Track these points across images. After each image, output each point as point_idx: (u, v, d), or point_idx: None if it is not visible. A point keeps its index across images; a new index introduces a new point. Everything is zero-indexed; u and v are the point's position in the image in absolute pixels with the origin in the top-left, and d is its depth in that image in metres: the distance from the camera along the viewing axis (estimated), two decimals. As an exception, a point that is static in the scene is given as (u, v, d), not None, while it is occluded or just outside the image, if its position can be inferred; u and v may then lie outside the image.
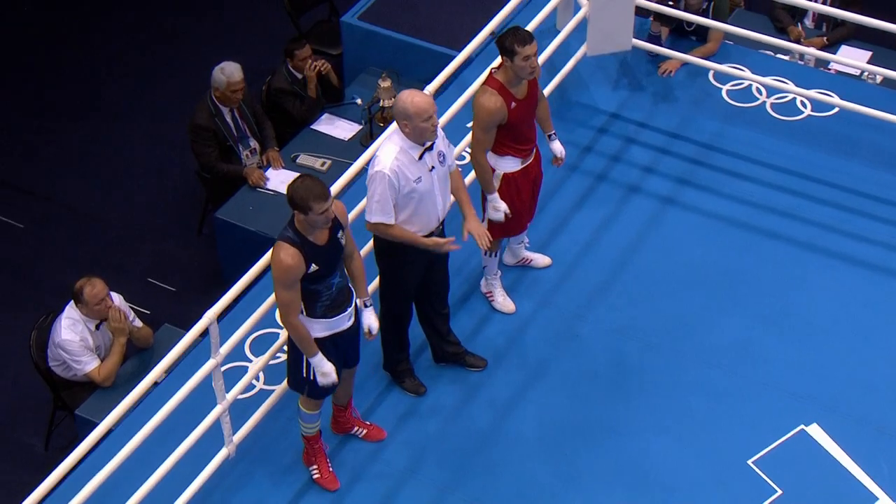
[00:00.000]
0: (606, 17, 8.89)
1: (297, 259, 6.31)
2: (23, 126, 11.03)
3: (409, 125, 6.67)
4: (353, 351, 6.91)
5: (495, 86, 7.21)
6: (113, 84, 11.43)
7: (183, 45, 11.51)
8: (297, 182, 6.29)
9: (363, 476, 7.18)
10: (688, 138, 9.00)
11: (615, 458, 7.21)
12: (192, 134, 9.37)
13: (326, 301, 6.51)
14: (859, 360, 7.63)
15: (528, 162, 7.50)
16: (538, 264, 8.14)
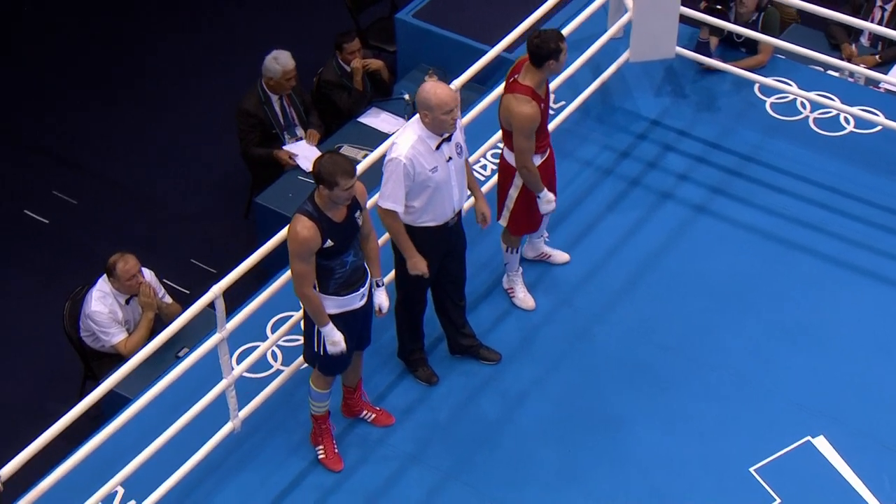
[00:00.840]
0: (650, 24, 8.94)
1: (314, 232, 6.45)
2: (84, 106, 11.31)
3: (430, 116, 6.78)
4: (365, 332, 7.03)
5: (528, 93, 7.28)
6: (173, 68, 11.68)
7: (243, 34, 11.73)
8: (325, 157, 6.43)
9: (368, 459, 7.30)
10: (727, 148, 9.02)
11: (618, 457, 7.27)
12: (239, 118, 9.56)
13: (340, 279, 6.64)
14: (874, 377, 7.61)
15: (545, 156, 7.58)
16: (556, 260, 8.22)
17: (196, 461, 6.95)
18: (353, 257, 6.67)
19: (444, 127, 6.80)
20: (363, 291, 6.78)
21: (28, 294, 9.62)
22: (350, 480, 7.21)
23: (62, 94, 11.42)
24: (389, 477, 7.22)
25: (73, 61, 11.78)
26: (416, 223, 7.04)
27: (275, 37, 10.42)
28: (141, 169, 10.72)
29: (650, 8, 8.87)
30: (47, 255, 9.97)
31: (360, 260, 6.73)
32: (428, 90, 6.77)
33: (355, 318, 6.82)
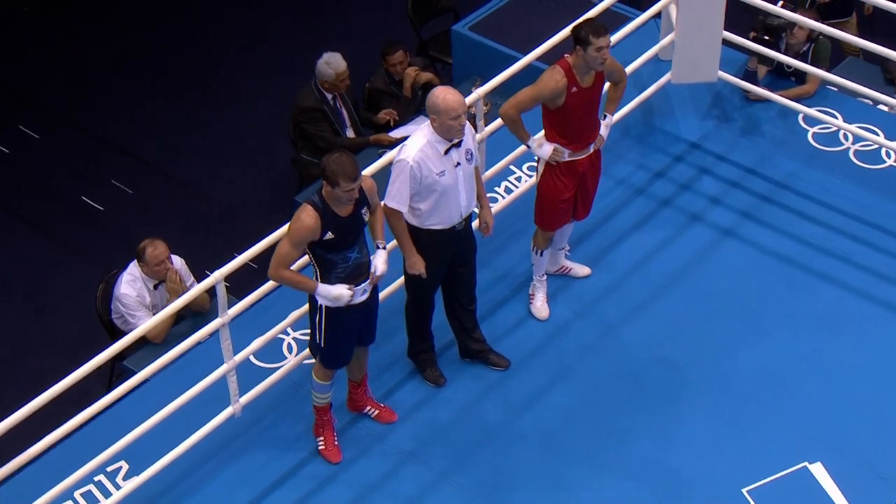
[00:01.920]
0: (693, 46, 8.99)
1: (315, 222, 6.62)
2: (151, 100, 11.67)
3: (438, 120, 6.92)
4: (368, 329, 7.18)
5: (564, 66, 7.36)
6: (241, 69, 11.96)
7: (311, 42, 11.95)
8: (333, 156, 6.58)
9: (367, 453, 7.44)
10: (763, 175, 9.02)
11: (611, 470, 7.32)
12: (303, 116, 9.75)
13: (341, 273, 6.79)
14: (882, 410, 7.56)
15: (575, 157, 7.60)
16: (577, 273, 8.29)
17: (194, 441, 7.14)
18: (357, 254, 6.82)
19: (451, 132, 6.93)
20: (365, 287, 6.92)
21: (74, 276, 9.92)
22: (346, 473, 7.35)
23: (132, 88, 11.78)
24: (385, 472, 7.34)
25: (146, 58, 12.16)
26: (423, 225, 7.17)
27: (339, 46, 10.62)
28: (198, 164, 11.01)
29: (693, 30, 8.92)
30: (97, 241, 10.28)
31: (363, 257, 6.87)
32: (437, 95, 6.90)
33: (357, 313, 6.96)
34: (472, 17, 10.64)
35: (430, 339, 7.75)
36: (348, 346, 7.07)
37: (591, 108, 7.54)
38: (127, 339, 6.81)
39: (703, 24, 8.88)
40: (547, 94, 7.37)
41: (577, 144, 7.58)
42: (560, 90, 7.33)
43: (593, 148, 7.68)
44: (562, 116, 7.45)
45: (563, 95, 7.35)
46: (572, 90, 7.35)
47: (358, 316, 6.98)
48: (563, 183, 7.66)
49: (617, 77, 7.69)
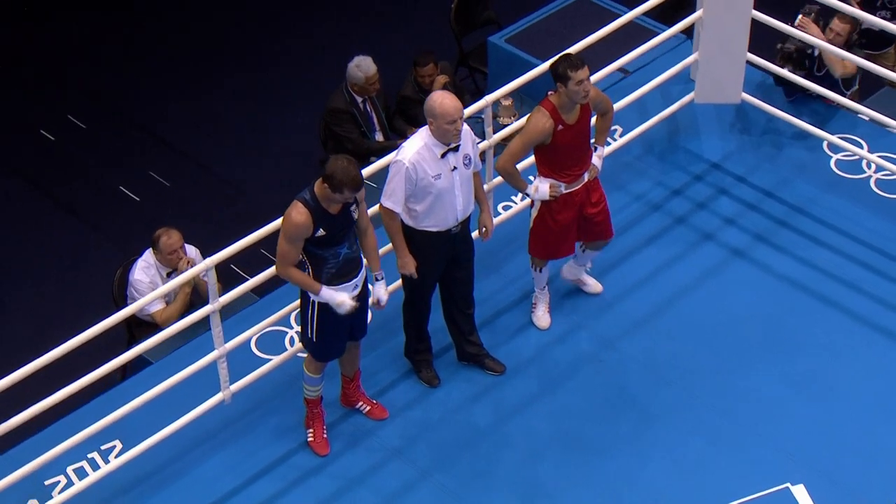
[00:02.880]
0: (716, 67, 9.04)
1: (307, 219, 6.77)
2: (195, 96, 11.92)
3: (435, 124, 7.04)
4: (359, 324, 7.30)
5: (549, 108, 7.48)
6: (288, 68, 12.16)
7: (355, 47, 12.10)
8: (341, 163, 6.67)
9: (354, 448, 7.57)
10: (780, 198, 9.03)
11: (592, 480, 7.38)
12: (332, 117, 9.91)
13: (332, 269, 6.93)
14: (869, 437, 7.54)
15: (571, 188, 7.70)
16: (588, 289, 8.34)
17: (182, 423, 7.31)
18: (347, 249, 6.95)
19: (446, 136, 7.04)
20: (355, 283, 7.04)
21: (103, 262, 10.13)
22: (332, 465, 7.48)
23: (178, 82, 12.04)
24: (369, 467, 7.47)
25: (198, 54, 12.43)
26: (418, 226, 7.29)
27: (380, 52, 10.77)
28: (236, 161, 11.21)
29: (717, 50, 8.96)
30: (130, 230, 10.50)
31: (354, 253, 7.00)
32: (435, 99, 7.02)
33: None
34: (510, 29, 10.75)
35: (427, 339, 7.85)
36: (339, 340, 7.19)
37: (580, 141, 7.61)
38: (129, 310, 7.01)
39: (727, 45, 8.92)
40: (536, 138, 7.49)
41: (570, 177, 7.66)
42: (547, 132, 7.44)
43: (587, 177, 7.74)
44: (551, 154, 7.56)
45: (550, 136, 7.46)
46: (559, 129, 7.46)
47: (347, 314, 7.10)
48: (560, 216, 7.75)
49: (603, 108, 7.76)
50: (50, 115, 11.74)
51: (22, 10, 12.76)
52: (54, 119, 11.69)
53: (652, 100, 9.44)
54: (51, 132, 11.59)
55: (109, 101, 11.92)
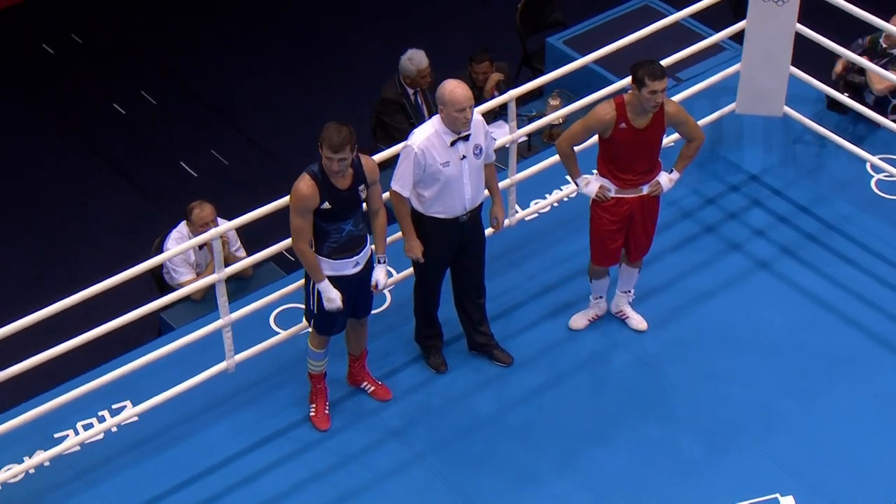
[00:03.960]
0: (758, 79, 9.03)
1: (312, 191, 6.95)
2: (265, 80, 12.22)
3: (444, 111, 7.18)
4: (362, 301, 7.45)
5: (618, 101, 7.51)
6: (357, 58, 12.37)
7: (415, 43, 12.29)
8: (331, 124, 6.90)
9: (353, 426, 7.73)
10: (814, 214, 9.00)
11: (583, 475, 7.45)
12: (382, 107, 10.08)
13: (334, 243, 7.11)
14: (866, 454, 7.51)
15: (624, 195, 7.70)
16: (632, 324, 8.24)
17: (185, 387, 7.54)
18: (352, 227, 7.11)
19: (456, 124, 7.17)
20: (357, 260, 7.20)
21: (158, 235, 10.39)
22: (330, 441, 7.65)
23: (249, 65, 12.36)
24: (366, 445, 7.62)
25: (266, 37, 12.71)
26: (426, 212, 7.42)
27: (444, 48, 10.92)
28: (292, 146, 11.43)
29: (759, 62, 8.96)
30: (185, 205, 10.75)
31: (359, 231, 7.15)
32: (446, 86, 7.16)
33: (349, 284, 7.24)
34: (571, 30, 10.84)
35: (437, 325, 7.98)
36: (340, 314, 7.33)
37: (643, 149, 7.56)
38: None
39: (770, 58, 8.91)
40: (594, 126, 7.53)
41: (625, 181, 7.65)
42: (607, 123, 7.47)
43: (646, 191, 7.71)
44: (610, 148, 7.59)
45: (610, 128, 7.48)
46: (620, 125, 7.46)
47: (349, 288, 7.25)
48: (607, 217, 7.76)
49: (687, 134, 7.72)
50: (124, 89, 12.10)
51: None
52: (128, 93, 12.05)
53: (699, 108, 9.46)
54: (123, 106, 11.94)
55: (181, 79, 12.25)
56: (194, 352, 7.74)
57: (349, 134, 6.87)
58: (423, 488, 7.39)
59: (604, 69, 10.32)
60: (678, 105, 7.65)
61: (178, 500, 7.36)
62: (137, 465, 7.53)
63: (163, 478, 7.45)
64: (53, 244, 10.69)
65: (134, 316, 7.31)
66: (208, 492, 7.38)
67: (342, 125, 6.91)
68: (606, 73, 10.26)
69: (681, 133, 7.75)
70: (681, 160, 7.80)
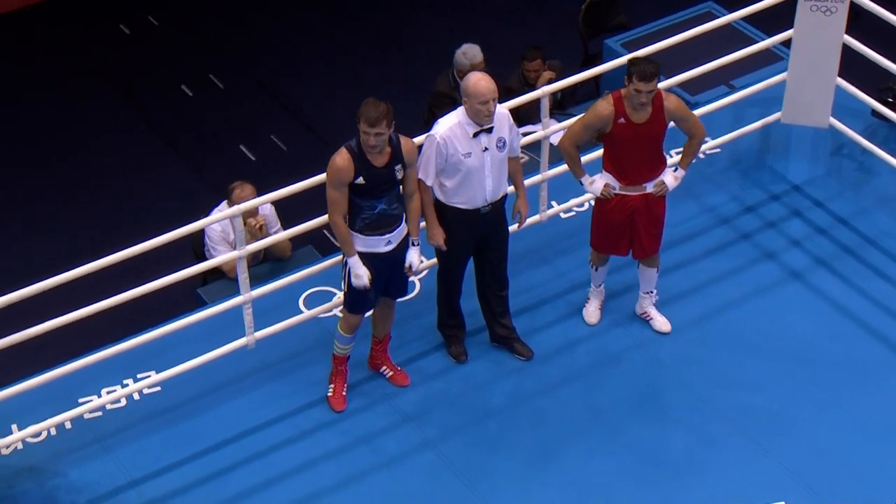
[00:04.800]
0: (804, 89, 8.98)
1: (348, 164, 7.09)
2: (330, 70, 12.42)
3: (468, 103, 7.27)
4: (396, 282, 7.54)
5: (615, 96, 7.59)
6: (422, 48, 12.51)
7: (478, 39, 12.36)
8: (370, 99, 7.06)
9: (369, 409, 7.84)
10: (854, 227, 8.94)
11: (587, 470, 7.50)
12: (435, 100, 10.17)
13: (367, 219, 7.24)
14: (877, 467, 7.47)
15: (626, 192, 7.76)
16: (656, 326, 8.27)
17: (205, 360, 7.72)
18: (385, 206, 7.22)
19: (479, 116, 7.25)
20: (389, 238, 7.30)
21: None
22: (344, 422, 7.77)
23: (316, 55, 12.53)
24: (378, 429, 7.73)
25: (331, 29, 12.91)
26: (448, 202, 7.51)
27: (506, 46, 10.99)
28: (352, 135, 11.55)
29: (805, 72, 8.92)
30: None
31: (392, 210, 7.26)
32: (471, 78, 7.25)
33: (380, 263, 7.36)
34: (631, 33, 10.85)
35: (459, 316, 8.06)
36: (369, 293, 7.43)
37: (643, 145, 7.62)
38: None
39: (816, 68, 8.87)
40: (593, 122, 7.61)
41: (627, 178, 7.72)
42: (606, 118, 7.55)
43: (651, 190, 7.76)
44: (610, 144, 7.66)
45: (609, 124, 7.55)
46: (619, 120, 7.53)
47: (382, 266, 7.36)
48: (611, 215, 7.83)
49: (688, 130, 7.76)
50: (193, 72, 12.35)
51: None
52: (197, 76, 12.30)
53: (749, 115, 9.46)
54: (191, 88, 12.18)
55: (249, 65, 12.48)
56: (226, 328, 7.92)
57: (387, 110, 7.01)
58: (429, 474, 7.49)
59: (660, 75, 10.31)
60: (679, 100, 7.68)
61: (189, 470, 7.53)
62: (155, 434, 7.71)
63: (177, 448, 7.62)
64: (111, 219, 10.94)
65: (163, 283, 7.49)
66: (220, 464, 7.55)
67: (380, 101, 7.05)
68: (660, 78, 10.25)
69: (682, 129, 7.78)
70: (684, 157, 7.85)
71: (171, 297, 8.60)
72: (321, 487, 7.44)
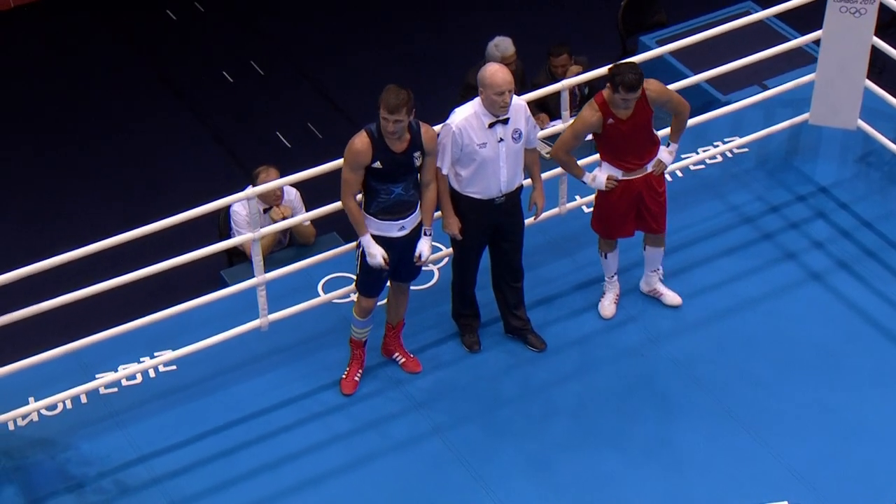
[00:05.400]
0: (833, 90, 8.94)
1: (366, 147, 7.19)
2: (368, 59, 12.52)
3: (484, 93, 7.32)
4: (405, 267, 7.61)
5: (599, 100, 7.69)
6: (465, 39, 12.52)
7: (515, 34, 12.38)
8: (391, 86, 7.16)
9: (379, 394, 7.92)
10: (878, 230, 8.89)
11: (592, 464, 7.51)
12: (465, 91, 10.18)
13: (383, 203, 7.32)
14: (882, 472, 7.43)
15: (629, 176, 7.86)
16: (667, 300, 8.35)
17: (218, 339, 7.84)
18: (402, 191, 7.30)
19: (494, 107, 7.30)
20: (403, 224, 7.38)
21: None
22: (354, 406, 7.85)
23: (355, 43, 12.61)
24: (387, 414, 7.80)
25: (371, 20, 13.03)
26: (463, 191, 7.57)
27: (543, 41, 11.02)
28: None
29: (834, 74, 8.87)
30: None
31: (408, 196, 7.34)
32: (488, 69, 7.30)
33: (391, 247, 7.43)
34: (667, 30, 10.84)
35: (474, 306, 8.11)
36: (382, 274, 7.51)
37: (636, 134, 7.73)
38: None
39: (844, 70, 8.82)
40: (582, 130, 7.72)
41: (628, 165, 7.82)
42: (595, 124, 7.66)
43: (650, 169, 7.86)
44: (607, 142, 7.76)
45: (600, 128, 7.66)
46: (608, 122, 7.64)
47: (394, 250, 7.44)
48: (617, 202, 7.91)
49: (673, 108, 7.85)
50: (235, 58, 12.48)
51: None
52: (238, 63, 12.42)
53: (780, 115, 9.43)
54: (231, 74, 12.31)
55: (290, 53, 12.58)
56: (248, 310, 7.99)
57: (407, 97, 7.09)
58: (434, 461, 7.54)
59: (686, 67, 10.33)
60: (658, 84, 7.73)
61: (198, 448, 7.63)
62: (168, 411, 7.83)
63: (189, 426, 7.74)
64: (144, 197, 11.07)
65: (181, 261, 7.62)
66: (229, 443, 7.65)
67: (402, 88, 7.13)
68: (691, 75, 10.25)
69: (667, 109, 7.88)
70: (674, 133, 7.96)
71: (195, 280, 8.78)
72: (327, 469, 7.52)
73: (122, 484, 7.44)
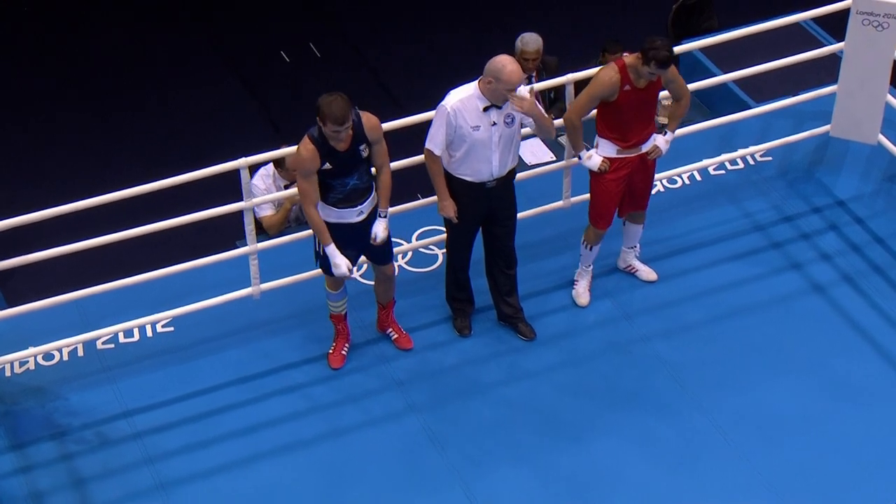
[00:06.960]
0: (854, 104, 8.88)
1: (313, 154, 7.32)
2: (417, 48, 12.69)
3: (493, 84, 7.39)
4: (374, 250, 7.72)
5: (620, 64, 7.74)
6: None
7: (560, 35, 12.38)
8: (330, 97, 7.21)
9: (364, 370, 8.06)
10: (888, 247, 8.82)
11: (566, 457, 7.57)
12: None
13: (339, 195, 7.46)
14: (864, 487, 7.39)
15: (624, 155, 7.92)
16: (642, 276, 8.50)
17: (211, 303, 8.07)
18: (357, 181, 7.44)
19: (497, 98, 7.42)
20: (360, 209, 7.52)
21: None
22: (337, 380, 8.01)
23: (413, 32, 12.78)
24: (369, 390, 7.94)
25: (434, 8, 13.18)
26: (455, 173, 7.68)
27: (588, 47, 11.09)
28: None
29: (855, 86, 8.81)
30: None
31: (363, 184, 7.47)
32: (502, 62, 7.36)
33: (353, 232, 7.56)
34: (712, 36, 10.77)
35: (467, 289, 8.21)
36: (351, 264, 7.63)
37: (643, 108, 7.82)
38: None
39: (866, 83, 8.76)
40: (601, 91, 7.72)
41: (626, 142, 7.88)
42: (614, 86, 7.67)
43: (645, 151, 7.95)
44: (613, 112, 7.78)
45: (616, 92, 7.68)
46: (625, 88, 7.68)
47: (355, 235, 7.57)
48: (611, 178, 7.98)
49: (676, 91, 7.92)
50: (294, 39, 12.71)
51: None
52: (296, 44, 12.65)
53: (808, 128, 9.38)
54: (289, 54, 12.54)
55: (349, 36, 12.78)
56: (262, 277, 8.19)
57: (348, 103, 7.18)
58: (407, 440, 7.66)
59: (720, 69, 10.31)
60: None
61: (182, 407, 7.85)
62: (159, 371, 8.06)
63: (176, 386, 7.96)
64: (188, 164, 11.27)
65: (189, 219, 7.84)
66: (211, 406, 7.86)
67: (337, 95, 7.19)
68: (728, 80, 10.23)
69: (671, 91, 7.93)
70: (672, 120, 8.06)
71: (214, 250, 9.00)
72: (303, 438, 7.69)
73: (102, 436, 7.67)
